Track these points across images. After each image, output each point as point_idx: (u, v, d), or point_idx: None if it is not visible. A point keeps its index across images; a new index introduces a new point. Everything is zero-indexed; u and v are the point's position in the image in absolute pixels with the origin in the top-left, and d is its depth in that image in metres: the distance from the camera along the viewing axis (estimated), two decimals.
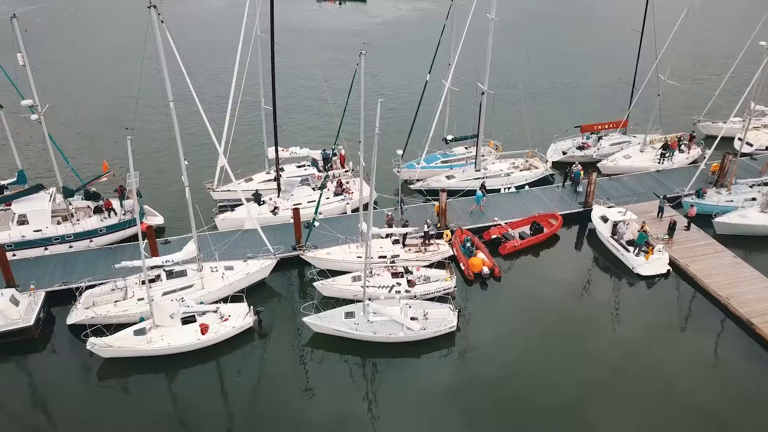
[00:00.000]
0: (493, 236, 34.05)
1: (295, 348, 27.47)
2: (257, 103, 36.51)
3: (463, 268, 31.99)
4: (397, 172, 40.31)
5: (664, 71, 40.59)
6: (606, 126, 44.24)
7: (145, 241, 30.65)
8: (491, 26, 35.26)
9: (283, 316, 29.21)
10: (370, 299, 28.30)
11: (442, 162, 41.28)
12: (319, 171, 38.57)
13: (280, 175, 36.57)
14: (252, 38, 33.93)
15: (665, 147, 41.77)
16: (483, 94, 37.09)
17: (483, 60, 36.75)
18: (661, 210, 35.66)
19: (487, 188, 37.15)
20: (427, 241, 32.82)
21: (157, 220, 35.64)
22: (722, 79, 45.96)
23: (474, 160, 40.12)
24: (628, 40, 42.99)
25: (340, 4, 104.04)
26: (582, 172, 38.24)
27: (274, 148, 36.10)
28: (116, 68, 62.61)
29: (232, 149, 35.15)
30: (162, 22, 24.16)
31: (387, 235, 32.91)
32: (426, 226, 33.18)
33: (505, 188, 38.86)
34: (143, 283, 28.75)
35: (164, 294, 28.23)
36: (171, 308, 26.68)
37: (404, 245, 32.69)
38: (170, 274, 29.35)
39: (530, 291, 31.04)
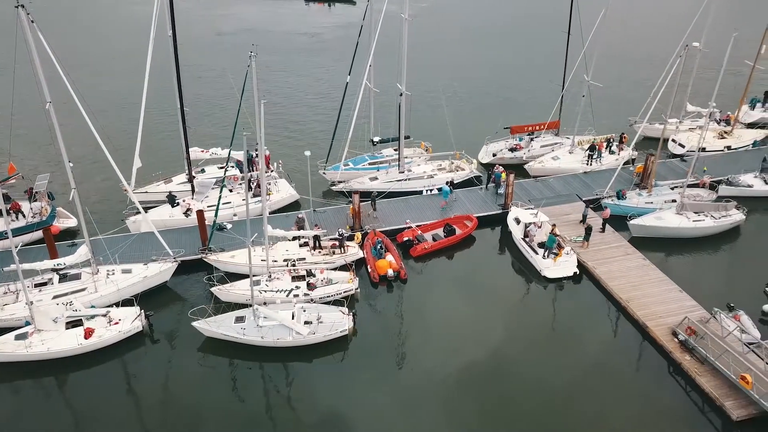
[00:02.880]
0: (405, 239, 33.69)
1: (187, 352, 27.01)
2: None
3: (369, 270, 31.63)
4: (323, 173, 40.05)
5: (589, 72, 40.32)
6: (536, 127, 43.89)
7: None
8: (404, 26, 34.92)
9: (177, 320, 28.74)
10: (265, 303, 28.01)
11: (370, 164, 40.94)
12: (242, 172, 38.19)
13: (194, 177, 36.17)
14: (152, 37, 33.19)
15: (592, 148, 41.48)
16: (401, 95, 36.73)
17: (403, 61, 36.32)
18: (584, 218, 35.18)
19: (410, 191, 36.79)
20: (340, 244, 32.37)
21: (69, 222, 35.22)
22: (657, 79, 45.74)
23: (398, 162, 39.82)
24: (562, 42, 42.66)
25: (329, 5, 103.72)
26: (504, 174, 37.92)
27: (190, 149, 35.68)
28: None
29: (152, 150, 34.46)
30: (32, 21, 23.75)
31: (294, 238, 32.58)
32: (339, 231, 32.83)
33: (426, 190, 38.52)
34: (34, 286, 28.51)
35: (54, 297, 27.85)
36: (54, 312, 26.24)
37: (315, 248, 32.29)
38: (63, 278, 28.93)
39: (434, 293, 30.69)
